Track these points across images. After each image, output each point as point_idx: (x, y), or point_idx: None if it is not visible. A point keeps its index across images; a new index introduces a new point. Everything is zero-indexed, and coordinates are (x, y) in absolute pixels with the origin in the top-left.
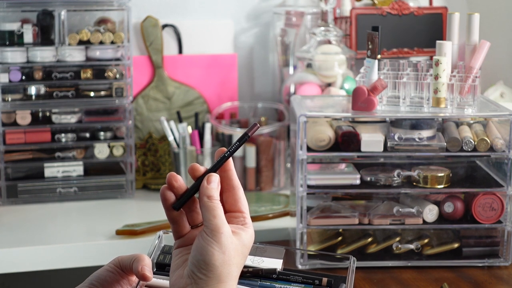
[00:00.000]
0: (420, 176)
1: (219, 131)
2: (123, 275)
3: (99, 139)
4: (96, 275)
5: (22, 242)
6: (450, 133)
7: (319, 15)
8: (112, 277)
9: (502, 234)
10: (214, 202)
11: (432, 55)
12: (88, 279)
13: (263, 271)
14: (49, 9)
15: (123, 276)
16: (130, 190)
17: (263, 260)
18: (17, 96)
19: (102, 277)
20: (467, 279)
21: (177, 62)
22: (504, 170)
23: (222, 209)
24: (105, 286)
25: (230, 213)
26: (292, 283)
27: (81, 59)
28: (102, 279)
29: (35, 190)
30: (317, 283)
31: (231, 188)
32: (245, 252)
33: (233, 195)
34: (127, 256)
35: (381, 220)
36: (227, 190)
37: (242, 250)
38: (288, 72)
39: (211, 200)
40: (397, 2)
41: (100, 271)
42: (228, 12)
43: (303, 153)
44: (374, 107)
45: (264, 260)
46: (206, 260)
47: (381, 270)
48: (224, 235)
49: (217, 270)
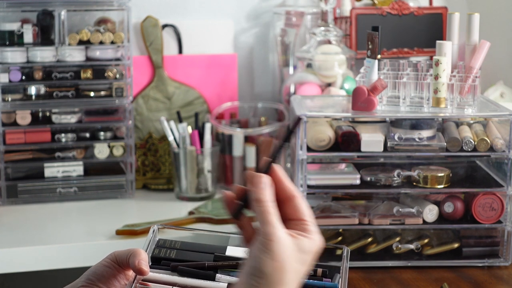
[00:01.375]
0: (420, 176)
1: (219, 131)
2: (120, 269)
3: (99, 139)
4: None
5: (22, 242)
6: (450, 133)
7: (319, 15)
8: (109, 271)
9: (502, 234)
10: (263, 206)
11: (432, 55)
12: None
13: None
14: (49, 9)
15: (119, 270)
16: (130, 190)
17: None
18: (17, 96)
19: (99, 272)
20: (467, 279)
21: (177, 62)
22: (504, 170)
23: (275, 213)
24: (102, 281)
25: (292, 221)
26: None
27: (81, 59)
28: (99, 274)
29: (35, 190)
30: (311, 274)
31: (287, 199)
32: (305, 259)
33: (292, 205)
34: (123, 251)
35: (381, 220)
36: (284, 200)
37: (301, 257)
38: (288, 72)
39: (259, 204)
40: (397, 2)
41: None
42: (228, 12)
43: (303, 153)
44: (374, 107)
45: None
46: (257, 267)
47: (381, 270)
48: (275, 242)
49: (269, 277)
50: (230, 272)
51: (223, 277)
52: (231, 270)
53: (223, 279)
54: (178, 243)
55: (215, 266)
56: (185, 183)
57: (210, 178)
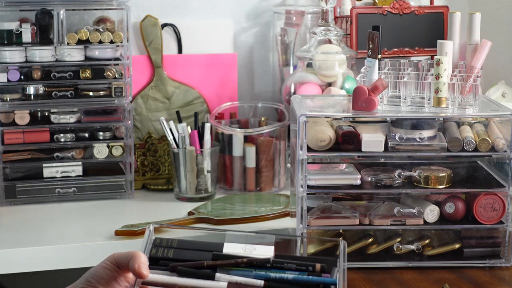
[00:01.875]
0: (421, 176)
1: (218, 131)
2: (120, 272)
3: (98, 139)
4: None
5: (21, 242)
6: (451, 133)
7: (319, 14)
8: (108, 274)
9: (503, 234)
10: None
11: (433, 54)
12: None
13: (257, 261)
14: (48, 8)
15: (119, 273)
16: (129, 190)
17: (254, 248)
18: (16, 96)
19: (99, 274)
20: (468, 280)
21: (177, 61)
22: (506, 170)
23: None
24: (102, 283)
25: None
26: (286, 271)
27: (80, 58)
28: (99, 276)
29: (34, 191)
30: (311, 270)
31: None
32: None
33: None
34: (123, 254)
35: (382, 221)
36: None
37: None
38: (288, 71)
39: None
40: (398, 1)
41: (96, 268)
42: (228, 11)
43: (303, 153)
44: (374, 107)
45: (256, 247)
46: None
47: (382, 270)
48: None
49: None
50: (230, 270)
51: (223, 276)
52: (230, 268)
53: (222, 278)
54: (175, 242)
55: (214, 265)
56: (185, 183)
57: (209, 179)
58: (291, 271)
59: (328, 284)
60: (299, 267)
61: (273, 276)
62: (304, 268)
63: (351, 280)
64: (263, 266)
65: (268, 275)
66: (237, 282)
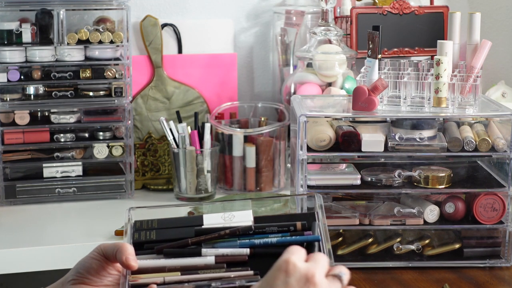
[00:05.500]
0: (421, 176)
1: (218, 131)
2: (108, 262)
3: (98, 139)
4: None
5: (21, 242)
6: (451, 133)
7: (319, 14)
8: (98, 264)
9: (503, 234)
10: None
11: (433, 54)
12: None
13: (239, 230)
14: (48, 8)
15: (108, 263)
16: (129, 190)
17: (234, 215)
18: (16, 96)
19: (88, 265)
20: (468, 280)
21: (177, 61)
22: (506, 170)
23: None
24: (92, 273)
25: None
26: (269, 235)
27: (80, 58)
28: (88, 267)
29: (34, 191)
30: (292, 230)
31: None
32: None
33: None
34: (109, 245)
35: (382, 221)
36: None
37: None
38: (288, 71)
39: None
40: (398, 1)
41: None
42: (228, 11)
43: (303, 153)
44: (374, 107)
45: (234, 214)
46: None
47: (382, 270)
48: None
49: None
50: (214, 244)
51: (209, 251)
52: (215, 241)
53: (209, 253)
54: (155, 222)
55: (199, 241)
56: (185, 183)
57: (209, 179)
58: (273, 234)
59: (311, 241)
60: (281, 229)
61: (258, 242)
62: (286, 229)
63: (351, 280)
64: (246, 234)
65: (253, 242)
66: (224, 254)
